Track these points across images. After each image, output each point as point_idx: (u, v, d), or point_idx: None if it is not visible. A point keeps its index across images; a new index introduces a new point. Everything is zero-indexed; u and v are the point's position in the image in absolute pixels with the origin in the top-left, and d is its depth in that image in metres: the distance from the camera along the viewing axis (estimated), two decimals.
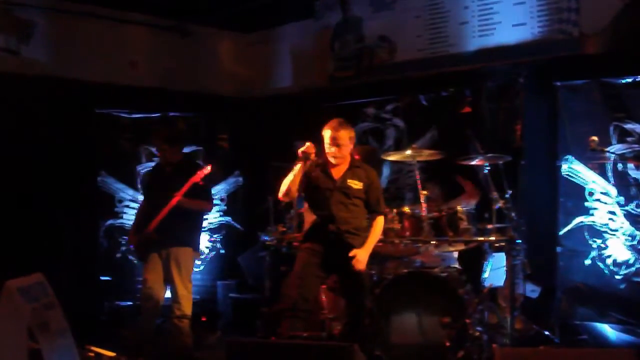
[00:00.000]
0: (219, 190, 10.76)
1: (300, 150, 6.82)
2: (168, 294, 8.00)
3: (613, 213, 8.26)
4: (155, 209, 7.84)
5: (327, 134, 6.94)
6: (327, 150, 6.95)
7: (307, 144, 6.89)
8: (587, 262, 8.37)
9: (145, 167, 10.17)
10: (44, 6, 9.53)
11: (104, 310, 8.87)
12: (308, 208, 7.55)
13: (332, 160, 6.96)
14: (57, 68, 9.59)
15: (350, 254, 6.76)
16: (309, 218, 7.18)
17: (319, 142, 6.94)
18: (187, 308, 7.97)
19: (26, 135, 9.15)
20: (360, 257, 6.78)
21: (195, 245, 8.14)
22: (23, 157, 9.08)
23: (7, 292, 5.40)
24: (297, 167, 6.87)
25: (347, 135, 6.94)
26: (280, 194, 7.01)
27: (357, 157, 7.40)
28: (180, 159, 8.21)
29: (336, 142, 6.89)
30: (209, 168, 8.02)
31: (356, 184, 6.97)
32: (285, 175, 6.98)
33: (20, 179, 8.98)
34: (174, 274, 7.87)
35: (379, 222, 7.10)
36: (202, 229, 8.51)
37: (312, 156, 6.85)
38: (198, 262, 8.24)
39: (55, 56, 9.61)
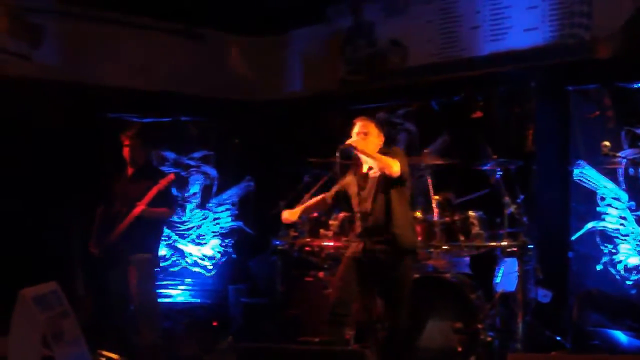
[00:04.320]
0: (230, 195, 10.79)
1: (341, 147, 6.69)
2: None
3: (624, 218, 8.26)
4: (118, 216, 7.85)
5: (355, 126, 6.95)
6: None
7: (355, 137, 6.84)
8: (599, 267, 8.37)
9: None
10: (55, 11, 9.53)
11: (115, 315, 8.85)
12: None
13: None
14: (68, 73, 9.58)
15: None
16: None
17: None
18: (154, 318, 7.94)
19: (38, 140, 9.16)
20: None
21: (155, 252, 8.13)
22: (35, 162, 9.11)
23: (22, 301, 5.42)
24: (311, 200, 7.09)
25: (374, 127, 6.96)
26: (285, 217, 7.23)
27: None
28: (144, 161, 8.21)
29: (363, 130, 6.88)
30: (172, 175, 8.04)
31: None
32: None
33: (32, 185, 9.01)
34: (137, 281, 7.83)
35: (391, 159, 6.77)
36: (162, 235, 8.52)
37: (357, 146, 6.70)
38: (158, 269, 8.22)
39: (66, 61, 9.61)
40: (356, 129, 6.93)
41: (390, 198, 6.82)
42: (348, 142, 6.73)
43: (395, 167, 6.66)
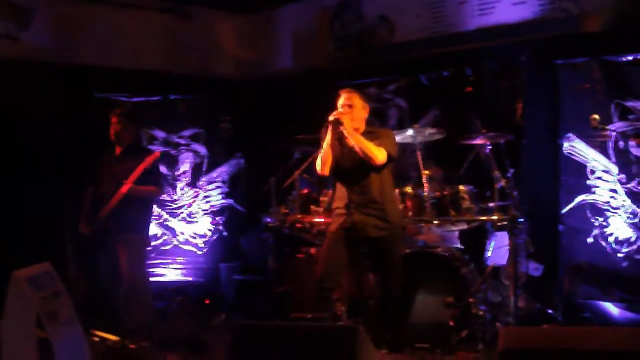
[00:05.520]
0: (221, 173, 10.79)
1: (330, 117, 6.69)
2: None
3: (614, 191, 8.28)
4: (106, 196, 7.83)
5: (340, 98, 6.92)
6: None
7: (339, 109, 6.81)
8: (590, 240, 8.40)
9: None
10: None
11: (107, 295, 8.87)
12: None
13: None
14: (56, 53, 9.56)
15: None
16: (340, 193, 7.11)
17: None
18: (146, 298, 7.92)
19: (26, 121, 9.15)
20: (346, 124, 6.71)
21: (145, 231, 8.13)
22: (22, 143, 9.10)
23: (15, 282, 5.42)
24: (327, 136, 6.76)
25: (359, 99, 6.94)
26: (318, 168, 6.88)
27: None
28: (133, 140, 8.21)
29: (347, 103, 6.86)
30: (158, 153, 8.04)
31: None
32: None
33: (22, 166, 9.01)
34: (126, 261, 7.81)
35: (377, 147, 6.76)
36: (152, 215, 8.54)
37: (344, 125, 6.67)
38: (149, 249, 8.22)
39: (54, 41, 9.57)
40: (341, 100, 6.92)
41: (380, 173, 6.86)
42: (335, 115, 6.70)
43: (380, 156, 6.70)
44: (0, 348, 5.36)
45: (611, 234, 8.26)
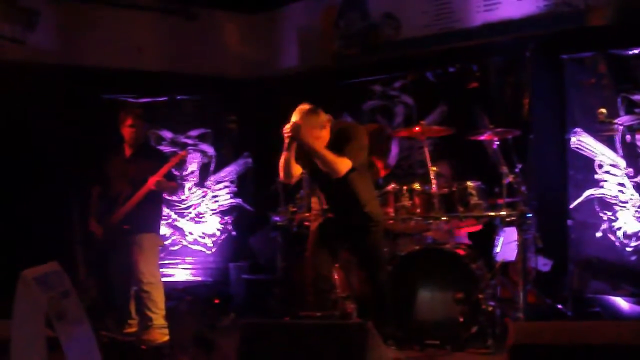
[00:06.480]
0: (228, 173, 10.80)
1: (285, 132, 6.39)
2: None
3: (622, 185, 8.27)
4: (120, 196, 7.80)
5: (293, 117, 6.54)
6: None
7: (292, 121, 6.44)
8: (598, 234, 8.38)
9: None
10: None
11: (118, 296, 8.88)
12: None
13: None
14: (63, 55, 9.60)
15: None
16: (320, 193, 7.05)
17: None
18: (159, 298, 7.85)
19: (33, 124, 9.16)
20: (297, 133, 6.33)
21: (158, 231, 8.09)
22: (31, 145, 9.11)
23: (23, 282, 5.41)
24: (286, 147, 6.43)
25: (314, 118, 6.52)
26: (281, 176, 6.63)
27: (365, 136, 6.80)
28: (143, 142, 8.20)
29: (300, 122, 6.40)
30: (185, 152, 8.05)
31: None
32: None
33: (27, 168, 9.03)
34: (141, 262, 7.74)
35: (341, 158, 6.33)
36: (163, 214, 8.54)
37: (302, 139, 6.30)
38: (160, 248, 8.16)
39: (61, 43, 9.61)
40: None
41: (351, 177, 6.52)
42: (289, 131, 6.38)
43: (343, 169, 6.32)
44: (9, 348, 5.36)
45: (619, 228, 8.25)
